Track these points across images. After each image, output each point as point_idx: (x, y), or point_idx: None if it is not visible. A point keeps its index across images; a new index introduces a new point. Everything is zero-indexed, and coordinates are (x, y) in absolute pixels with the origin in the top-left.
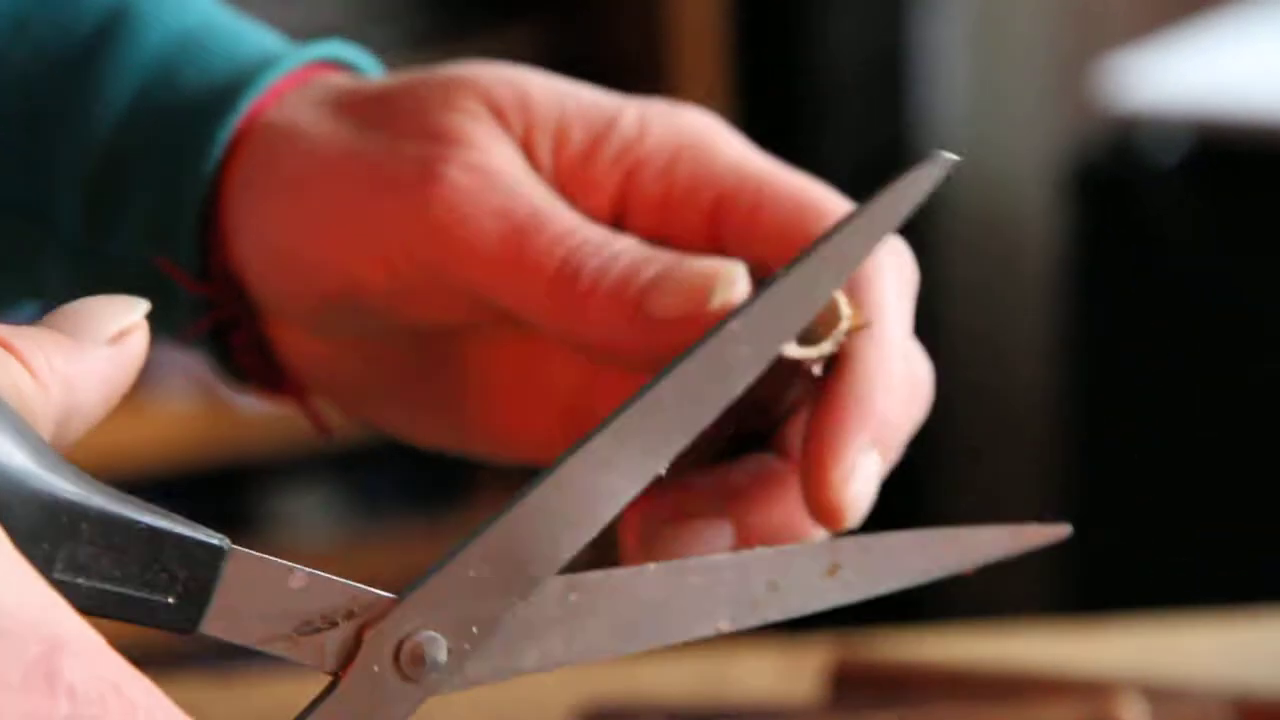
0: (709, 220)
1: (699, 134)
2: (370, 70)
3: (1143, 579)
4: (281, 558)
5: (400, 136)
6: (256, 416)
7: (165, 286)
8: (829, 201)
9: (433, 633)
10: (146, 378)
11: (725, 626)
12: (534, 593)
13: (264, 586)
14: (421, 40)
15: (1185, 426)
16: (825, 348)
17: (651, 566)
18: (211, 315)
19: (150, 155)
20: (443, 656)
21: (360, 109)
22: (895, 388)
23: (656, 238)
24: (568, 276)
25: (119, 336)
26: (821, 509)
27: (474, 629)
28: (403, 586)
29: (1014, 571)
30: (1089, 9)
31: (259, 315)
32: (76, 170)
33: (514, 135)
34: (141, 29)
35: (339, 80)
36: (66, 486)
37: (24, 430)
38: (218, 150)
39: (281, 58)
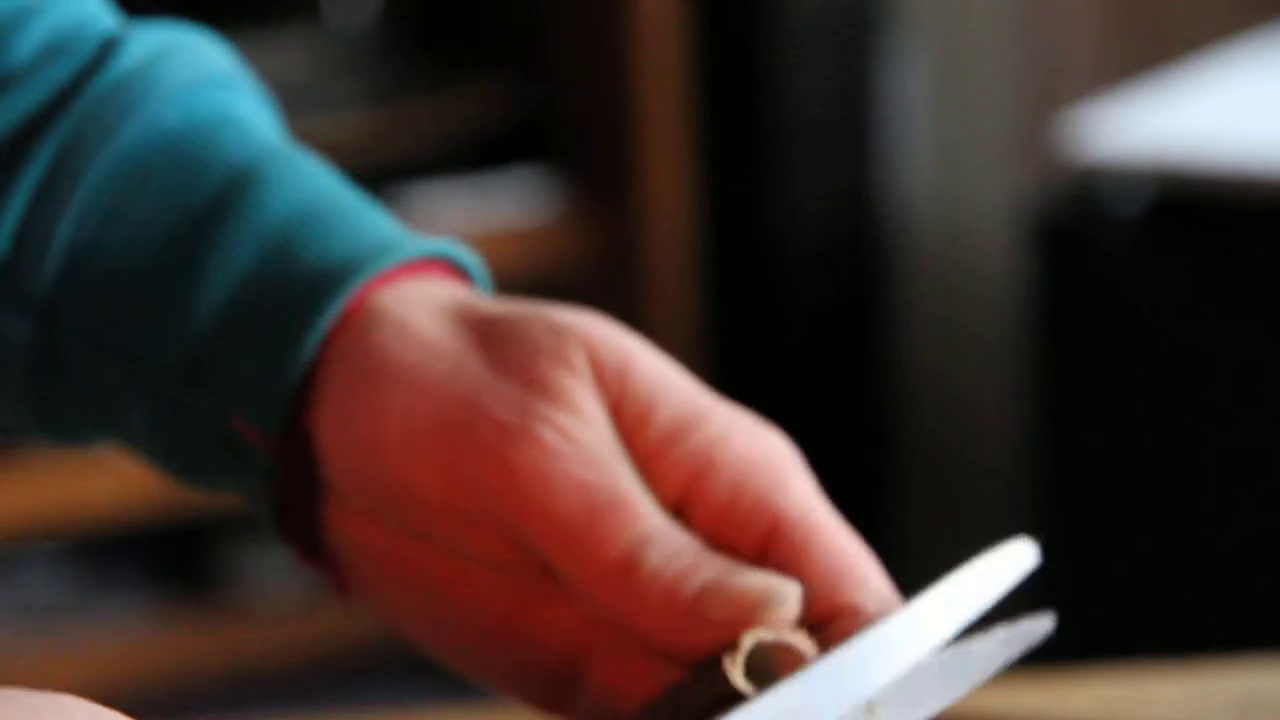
0: (761, 542)
1: (777, 460)
2: (478, 275)
3: (1106, 630)
4: (244, 616)
5: (505, 375)
6: None
7: (241, 445)
8: (866, 565)
9: None
10: None
11: None
12: None
13: None
14: (385, 94)
15: (1149, 477)
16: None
17: None
18: (281, 481)
19: (258, 326)
20: None
21: (474, 328)
22: None
23: (710, 539)
24: (631, 564)
25: None
26: None
27: None
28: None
29: (976, 626)
30: (1050, 61)
31: (322, 488)
32: (185, 329)
33: (608, 399)
34: (266, 198)
35: (454, 287)
36: None
37: None
38: (322, 329)
39: (398, 245)
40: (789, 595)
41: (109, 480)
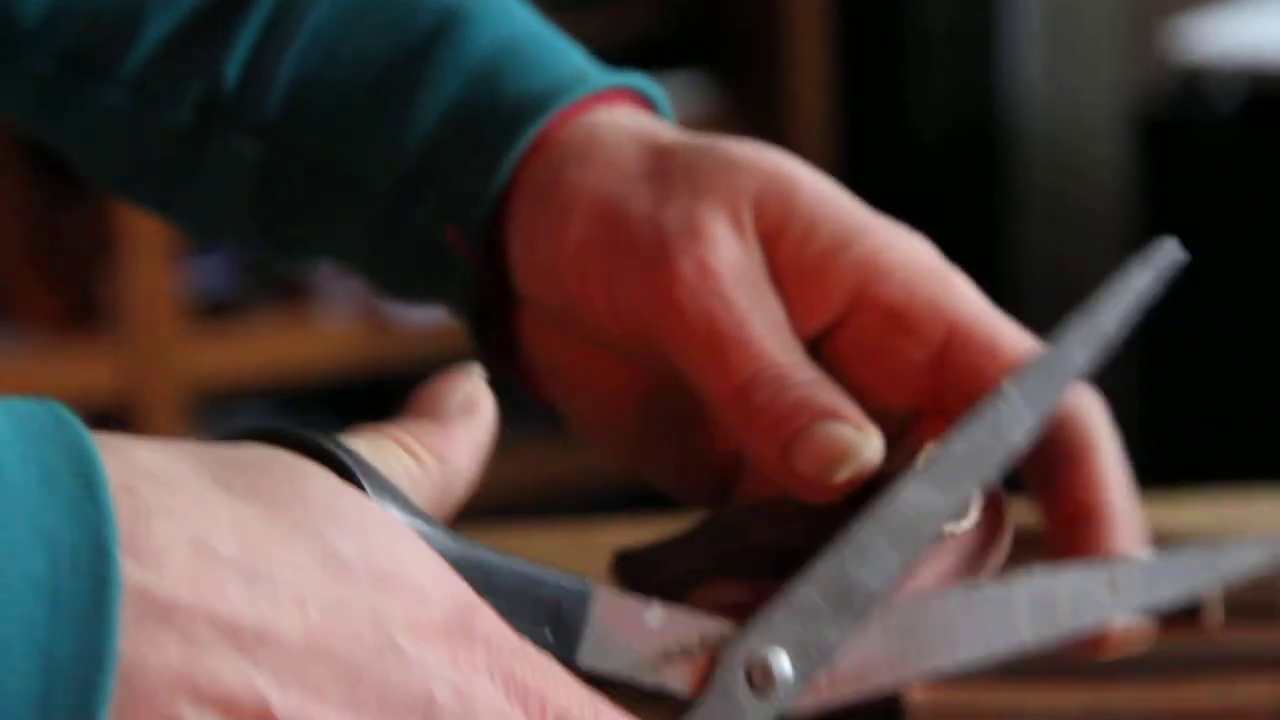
0: (938, 348)
1: (942, 267)
2: (663, 107)
3: (1212, 459)
4: None
5: (661, 203)
6: (415, 333)
7: (449, 259)
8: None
9: (780, 650)
10: (315, 298)
11: (1027, 640)
12: (866, 619)
13: (625, 622)
14: (546, 3)
15: (1246, 360)
16: (969, 522)
17: (953, 591)
18: (481, 290)
19: (464, 146)
20: (790, 672)
21: (654, 155)
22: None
23: (877, 343)
24: (747, 394)
25: (469, 406)
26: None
27: (815, 652)
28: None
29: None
30: None
31: (515, 298)
32: (398, 151)
33: (765, 224)
34: (471, 33)
35: (639, 115)
36: (464, 548)
37: (419, 511)
38: (519, 150)
39: (591, 76)
40: (867, 451)
41: (316, 343)
